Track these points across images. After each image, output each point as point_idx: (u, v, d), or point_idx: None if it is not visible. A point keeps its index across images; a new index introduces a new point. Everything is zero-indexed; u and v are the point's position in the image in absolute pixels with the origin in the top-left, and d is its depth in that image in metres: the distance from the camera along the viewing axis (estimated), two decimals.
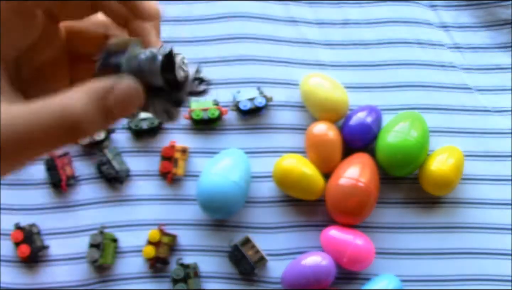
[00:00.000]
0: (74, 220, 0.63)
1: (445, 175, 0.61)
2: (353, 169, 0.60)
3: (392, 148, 0.62)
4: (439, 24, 0.74)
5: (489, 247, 0.62)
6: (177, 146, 0.65)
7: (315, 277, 0.57)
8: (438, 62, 0.72)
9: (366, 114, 0.64)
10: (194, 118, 0.66)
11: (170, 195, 0.64)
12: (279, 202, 0.64)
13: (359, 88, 0.70)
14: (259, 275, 0.61)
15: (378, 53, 0.72)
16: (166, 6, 0.74)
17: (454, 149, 0.64)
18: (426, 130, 0.64)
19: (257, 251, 0.60)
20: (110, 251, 0.60)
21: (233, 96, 0.68)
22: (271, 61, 0.71)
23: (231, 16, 0.74)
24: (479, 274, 0.61)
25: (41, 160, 0.64)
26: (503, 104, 0.69)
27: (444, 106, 0.69)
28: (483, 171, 0.66)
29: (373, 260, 0.59)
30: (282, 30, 0.73)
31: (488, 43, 0.73)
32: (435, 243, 0.62)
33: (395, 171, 0.63)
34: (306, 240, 0.62)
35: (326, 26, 0.74)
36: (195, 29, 0.73)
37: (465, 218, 0.63)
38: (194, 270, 0.60)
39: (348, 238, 0.59)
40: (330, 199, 0.61)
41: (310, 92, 0.66)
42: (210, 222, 0.63)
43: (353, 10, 0.75)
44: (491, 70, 0.72)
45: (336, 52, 0.72)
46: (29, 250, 0.60)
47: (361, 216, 0.61)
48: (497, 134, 0.67)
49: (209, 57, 0.71)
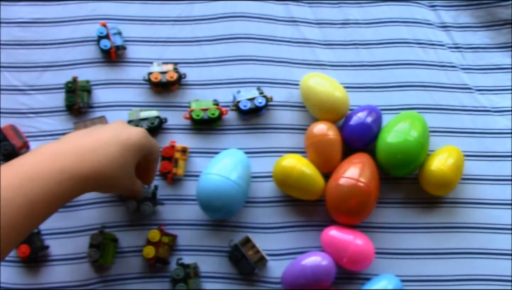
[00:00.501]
0: (74, 220, 0.63)
1: (445, 175, 0.61)
2: (353, 169, 0.60)
3: (392, 148, 0.62)
4: (439, 24, 0.74)
5: (489, 247, 0.62)
6: (177, 146, 0.65)
7: (315, 277, 0.57)
8: (438, 62, 0.72)
9: (366, 114, 0.64)
10: (194, 118, 0.66)
11: (170, 195, 0.64)
12: (279, 202, 0.64)
13: (359, 88, 0.70)
14: (259, 275, 0.61)
15: (378, 53, 0.72)
16: (166, 6, 0.74)
17: (454, 149, 0.64)
18: (426, 130, 0.64)
19: (257, 251, 0.60)
20: (110, 251, 0.60)
21: (233, 96, 0.68)
22: (271, 61, 0.71)
23: (231, 16, 0.74)
24: (479, 274, 0.61)
25: None
26: (503, 104, 0.69)
27: (444, 106, 0.69)
28: (483, 171, 0.66)
29: (373, 260, 0.59)
30: (282, 30, 0.73)
31: (488, 43, 0.73)
32: (435, 243, 0.62)
33: (395, 171, 0.63)
34: (306, 240, 0.62)
35: (326, 26, 0.74)
36: (195, 29, 0.73)
37: (465, 218, 0.63)
38: (194, 270, 0.60)
39: (348, 238, 0.59)
40: (330, 199, 0.61)
41: (310, 92, 0.66)
42: (210, 222, 0.63)
43: (353, 10, 0.75)
44: (491, 70, 0.72)
45: (336, 52, 0.72)
46: (29, 250, 0.60)
47: (361, 216, 0.61)
48: (497, 134, 0.68)
49: (209, 57, 0.71)
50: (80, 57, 0.71)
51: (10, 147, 0.64)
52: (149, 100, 0.69)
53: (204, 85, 0.70)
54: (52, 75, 0.70)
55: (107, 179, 0.51)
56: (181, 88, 0.70)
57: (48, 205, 0.47)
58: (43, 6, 0.74)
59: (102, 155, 0.50)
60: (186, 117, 0.66)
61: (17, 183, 0.45)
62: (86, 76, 0.69)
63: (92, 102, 0.69)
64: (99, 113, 0.68)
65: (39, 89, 0.69)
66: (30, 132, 0.67)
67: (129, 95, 0.69)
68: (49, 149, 0.49)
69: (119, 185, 0.53)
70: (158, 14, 0.74)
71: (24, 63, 0.70)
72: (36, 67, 0.70)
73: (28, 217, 0.45)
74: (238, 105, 0.67)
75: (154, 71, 0.68)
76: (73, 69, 0.70)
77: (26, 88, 0.69)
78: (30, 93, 0.69)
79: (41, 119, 0.68)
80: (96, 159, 0.49)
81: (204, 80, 0.70)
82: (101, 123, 0.66)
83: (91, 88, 0.69)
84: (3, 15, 0.73)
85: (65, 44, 0.72)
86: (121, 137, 0.52)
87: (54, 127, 0.67)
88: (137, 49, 0.72)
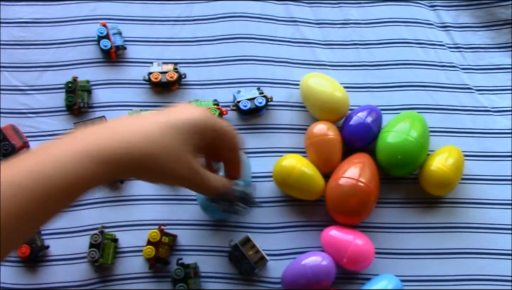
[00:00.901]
0: (74, 220, 0.62)
1: (445, 175, 0.61)
2: (353, 169, 0.60)
3: (392, 148, 0.62)
4: (439, 24, 0.74)
5: (489, 247, 0.62)
6: None
7: (315, 277, 0.57)
8: (438, 62, 0.72)
9: (366, 114, 0.64)
10: None
11: (170, 195, 0.64)
12: (279, 202, 0.64)
13: (359, 88, 0.70)
14: (259, 275, 0.61)
15: (378, 53, 0.72)
16: (166, 6, 0.74)
17: (454, 149, 0.64)
18: (426, 130, 0.64)
19: (257, 251, 0.60)
20: (110, 251, 0.60)
21: (233, 96, 0.68)
22: (271, 61, 0.71)
23: (231, 16, 0.74)
24: (479, 274, 0.61)
25: None
26: (503, 104, 0.69)
27: (444, 106, 0.69)
28: (483, 171, 0.66)
29: (373, 260, 0.59)
30: (282, 30, 0.73)
31: (488, 43, 0.73)
32: (435, 243, 0.62)
33: (395, 171, 0.63)
34: (306, 240, 0.62)
35: (326, 26, 0.74)
36: (195, 29, 0.73)
37: (465, 218, 0.63)
38: (194, 270, 0.60)
39: (348, 238, 0.59)
40: (330, 199, 0.61)
41: (310, 92, 0.66)
42: (210, 222, 0.63)
43: (353, 10, 0.75)
44: (491, 70, 0.72)
45: (336, 52, 0.72)
46: (29, 250, 0.60)
47: (361, 216, 0.61)
48: (497, 134, 0.68)
49: (209, 57, 0.71)
50: (80, 57, 0.71)
51: (10, 147, 0.64)
52: (149, 100, 0.69)
53: (204, 85, 0.70)
54: (52, 75, 0.70)
55: (143, 163, 0.41)
56: (181, 88, 0.70)
57: (67, 191, 0.38)
58: (43, 6, 0.74)
59: (137, 135, 0.41)
60: None
61: (33, 166, 0.38)
62: (86, 76, 0.69)
63: (92, 102, 0.69)
64: (99, 113, 0.68)
65: (39, 89, 0.69)
66: (30, 132, 0.67)
67: (129, 95, 0.69)
68: (81, 131, 0.41)
69: (166, 174, 0.43)
70: (158, 14, 0.74)
71: (24, 63, 0.70)
72: (36, 67, 0.70)
73: (42, 205, 0.37)
74: (238, 105, 0.67)
75: (154, 71, 0.68)
76: (73, 69, 0.70)
77: (26, 88, 0.69)
78: (30, 93, 0.69)
79: (41, 119, 0.68)
80: (126, 139, 0.40)
81: (204, 80, 0.70)
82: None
83: (91, 88, 0.69)
84: (3, 15, 0.73)
85: (65, 44, 0.72)
86: (165, 116, 0.43)
87: (54, 127, 0.67)
88: (137, 49, 0.72)
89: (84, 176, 0.38)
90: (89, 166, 0.38)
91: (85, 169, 0.38)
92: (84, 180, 0.39)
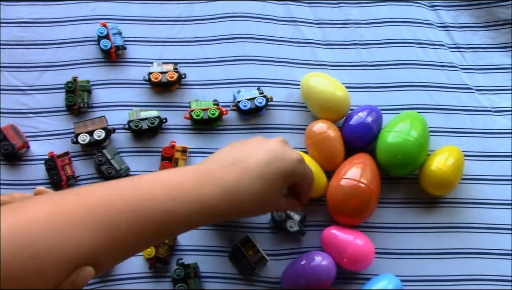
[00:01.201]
0: None
1: (445, 175, 0.61)
2: (354, 170, 0.60)
3: (392, 148, 0.62)
4: (439, 24, 0.74)
5: (489, 247, 0.62)
6: (177, 146, 0.65)
7: (315, 277, 0.57)
8: (438, 62, 0.72)
9: (366, 114, 0.64)
10: (194, 118, 0.66)
11: None
12: None
13: (359, 88, 0.70)
14: (259, 275, 0.61)
15: (378, 53, 0.72)
16: (166, 6, 0.74)
17: (454, 149, 0.64)
18: (426, 130, 0.64)
19: (257, 251, 0.60)
20: None
21: (233, 96, 0.68)
22: (271, 61, 0.71)
23: (231, 16, 0.74)
24: (479, 274, 0.61)
25: (41, 160, 0.64)
26: (503, 104, 0.69)
27: (444, 106, 0.69)
28: (483, 171, 0.66)
29: (373, 260, 0.59)
30: (282, 30, 0.73)
31: (488, 43, 0.73)
32: (435, 243, 0.62)
33: (395, 171, 0.63)
34: (306, 240, 0.62)
35: (326, 26, 0.74)
36: (195, 29, 0.73)
37: (465, 218, 0.63)
38: (194, 270, 0.60)
39: (348, 238, 0.59)
40: (332, 200, 0.61)
41: (311, 91, 0.66)
42: None
43: (353, 10, 0.75)
44: (491, 70, 0.72)
45: (336, 52, 0.72)
46: None
47: (362, 217, 0.61)
48: (497, 134, 0.68)
49: (209, 57, 0.71)
50: (80, 57, 0.71)
51: (10, 147, 0.64)
52: (149, 100, 0.69)
53: (204, 85, 0.70)
54: (52, 75, 0.70)
55: (245, 214, 0.51)
56: (181, 88, 0.70)
57: (177, 228, 0.48)
58: (43, 6, 0.74)
59: (246, 193, 0.48)
60: (186, 117, 0.66)
61: (162, 196, 0.44)
62: (86, 76, 0.69)
63: (92, 102, 0.69)
64: (99, 113, 0.68)
65: (39, 89, 0.69)
66: (30, 132, 0.67)
67: (129, 95, 0.69)
68: (195, 172, 0.48)
69: (259, 214, 0.54)
70: (158, 14, 0.74)
71: (24, 63, 0.70)
72: (36, 67, 0.70)
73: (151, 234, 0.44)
74: (238, 105, 0.67)
75: (154, 71, 0.68)
76: (73, 69, 0.70)
77: (26, 88, 0.69)
78: (30, 93, 0.69)
79: (41, 119, 0.68)
80: (239, 199, 0.48)
81: (204, 80, 0.70)
82: (101, 123, 0.66)
83: (91, 88, 0.69)
84: (3, 15, 0.73)
85: (65, 44, 0.72)
86: (271, 168, 0.49)
87: (54, 127, 0.67)
88: (137, 49, 0.72)
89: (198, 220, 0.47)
90: (211, 220, 0.51)
91: (208, 221, 0.50)
92: (198, 221, 0.48)
